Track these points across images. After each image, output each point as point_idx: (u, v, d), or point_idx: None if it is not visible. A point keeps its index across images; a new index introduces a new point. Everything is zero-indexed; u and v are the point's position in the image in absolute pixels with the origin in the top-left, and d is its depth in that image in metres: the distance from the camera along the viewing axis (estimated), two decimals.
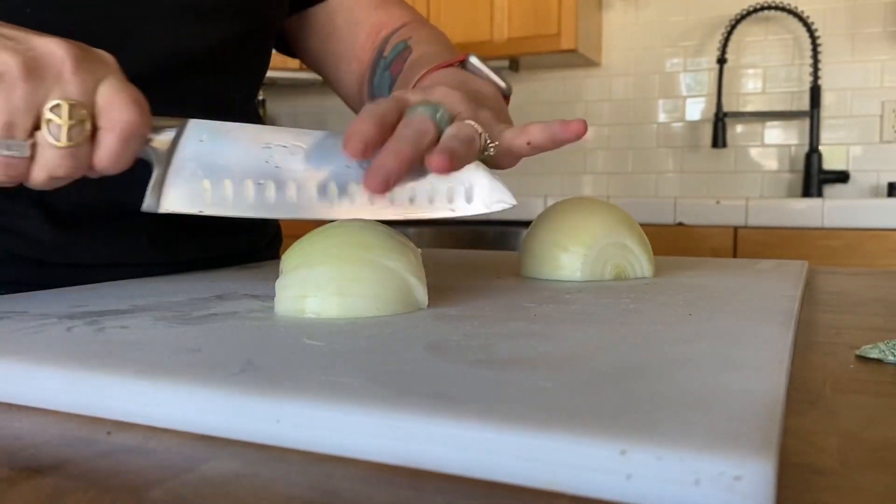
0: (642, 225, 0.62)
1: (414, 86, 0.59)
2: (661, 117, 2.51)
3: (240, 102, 0.72)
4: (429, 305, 0.44)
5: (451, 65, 0.58)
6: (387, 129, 0.43)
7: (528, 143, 0.47)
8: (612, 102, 2.57)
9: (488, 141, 0.46)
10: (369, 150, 0.41)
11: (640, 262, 0.59)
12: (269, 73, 0.78)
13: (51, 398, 0.29)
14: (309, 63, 0.81)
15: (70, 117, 0.39)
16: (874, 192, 2.26)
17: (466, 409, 0.24)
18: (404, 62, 0.67)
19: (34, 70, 0.39)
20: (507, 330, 0.37)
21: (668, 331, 0.36)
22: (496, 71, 0.59)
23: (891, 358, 0.36)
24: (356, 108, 0.78)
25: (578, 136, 0.46)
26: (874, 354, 0.37)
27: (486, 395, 0.25)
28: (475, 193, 0.47)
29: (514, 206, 0.48)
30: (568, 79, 2.61)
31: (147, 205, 0.45)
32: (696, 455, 0.20)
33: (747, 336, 0.35)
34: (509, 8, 2.36)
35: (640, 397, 0.25)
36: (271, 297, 0.48)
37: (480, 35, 2.40)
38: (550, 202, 1.91)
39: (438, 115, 0.45)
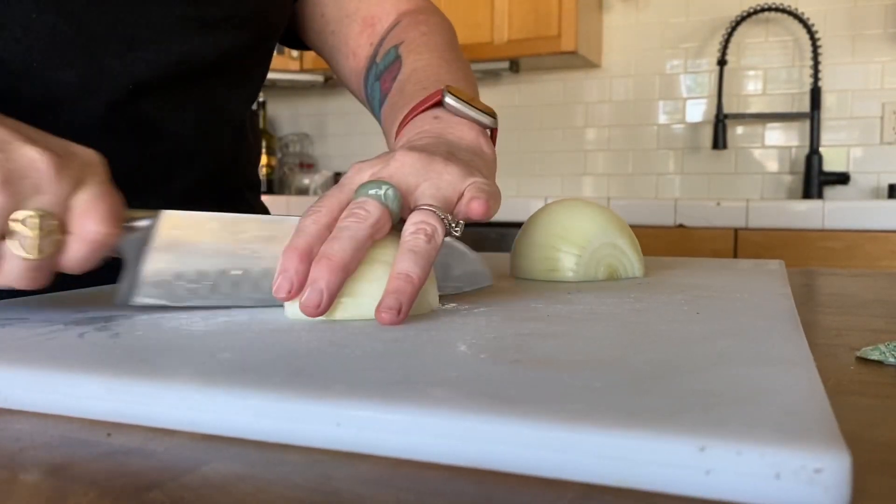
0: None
1: (397, 133, 0.57)
2: (662, 119, 2.51)
3: (239, 108, 0.71)
4: (438, 306, 0.44)
5: (428, 107, 0.55)
6: (316, 244, 0.41)
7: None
8: (612, 104, 2.57)
9: (452, 224, 0.43)
10: (296, 292, 0.39)
11: (630, 262, 0.60)
12: (270, 75, 0.78)
13: (86, 407, 0.29)
14: (319, 54, 0.80)
15: (41, 229, 0.38)
16: (875, 194, 2.26)
17: (534, 408, 0.24)
18: (394, 78, 0.64)
19: (11, 183, 0.37)
20: (529, 330, 0.37)
21: (685, 329, 0.37)
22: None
23: (891, 359, 0.36)
24: (363, 102, 0.76)
25: (476, 216, 0.43)
26: (875, 356, 0.37)
27: (544, 395, 0.25)
28: (455, 272, 0.49)
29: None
30: (568, 80, 2.62)
31: (120, 301, 0.43)
32: (775, 449, 0.20)
33: (762, 333, 0.35)
34: (509, 10, 2.37)
35: (696, 395, 0.25)
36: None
37: (481, 37, 2.40)
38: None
39: (384, 193, 0.42)
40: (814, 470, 0.19)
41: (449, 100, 0.54)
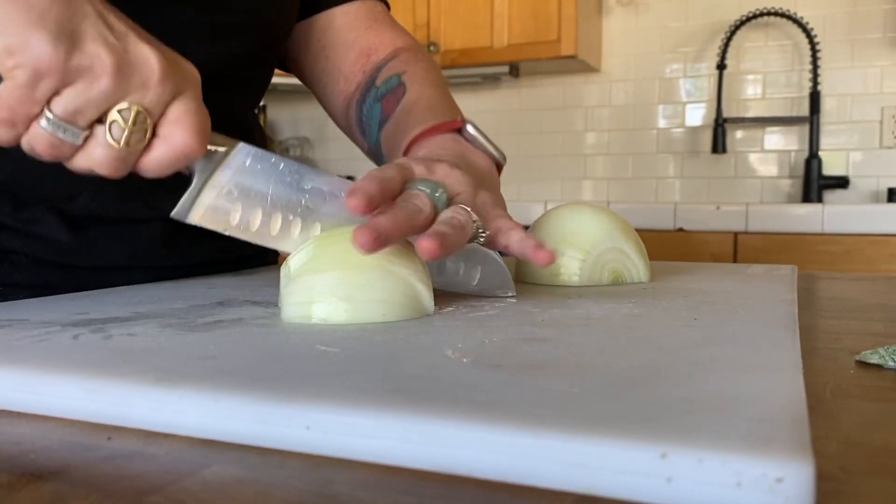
0: (642, 230, 0.63)
1: (409, 146, 0.61)
2: (661, 123, 2.51)
3: (246, 112, 0.73)
4: (434, 311, 0.44)
5: (448, 129, 0.59)
6: (388, 194, 0.44)
7: (506, 247, 0.48)
8: (612, 108, 2.57)
9: (480, 229, 0.47)
10: (369, 207, 0.42)
11: (636, 266, 0.60)
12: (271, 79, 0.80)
13: (68, 407, 0.29)
14: (299, 77, 0.83)
15: (134, 123, 0.40)
16: (874, 198, 2.26)
17: (501, 414, 0.24)
18: (397, 101, 0.68)
19: (123, 72, 0.39)
20: (519, 335, 0.37)
21: (678, 335, 0.37)
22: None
23: (891, 363, 0.36)
24: (342, 126, 0.80)
25: (543, 265, 0.46)
26: (874, 360, 0.37)
27: (516, 400, 0.25)
28: (480, 275, 0.50)
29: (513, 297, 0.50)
30: (568, 85, 2.62)
31: (177, 213, 0.46)
32: (737, 457, 0.20)
33: (755, 340, 0.35)
34: (509, 14, 2.37)
35: (670, 401, 0.25)
36: (272, 303, 0.48)
37: (481, 41, 2.40)
38: (550, 207, 1.90)
39: (437, 195, 0.46)
40: (775, 479, 0.19)
41: (470, 128, 0.59)
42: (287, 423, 0.25)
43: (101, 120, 0.40)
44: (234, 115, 0.71)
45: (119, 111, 0.40)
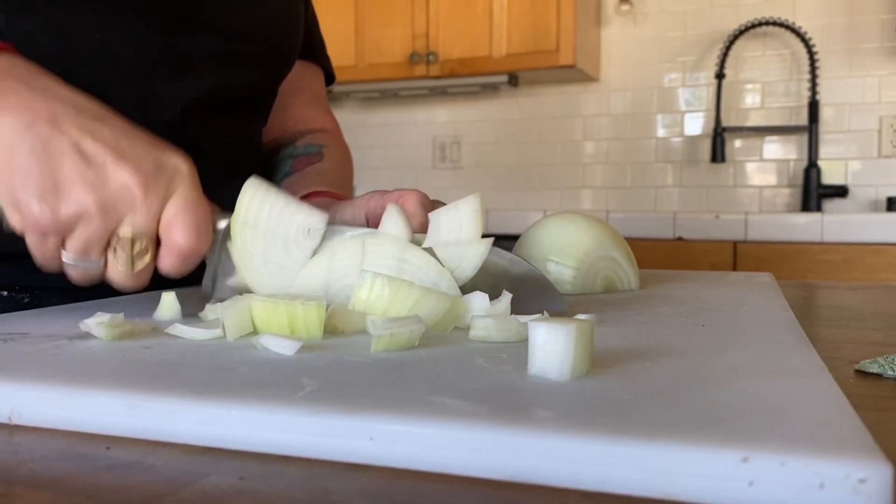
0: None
1: (307, 195, 0.68)
2: (660, 132, 2.52)
3: (258, 135, 0.78)
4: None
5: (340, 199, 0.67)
6: None
7: None
8: (610, 117, 2.58)
9: None
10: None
11: (627, 275, 0.61)
12: None
13: (108, 423, 0.28)
14: None
15: (133, 249, 0.44)
16: (873, 207, 2.26)
17: (569, 422, 0.24)
18: (310, 163, 0.77)
19: (108, 207, 0.42)
20: None
21: (695, 342, 0.37)
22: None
23: (890, 373, 0.36)
24: None
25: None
26: (873, 369, 0.37)
27: (575, 407, 0.25)
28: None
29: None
30: (566, 94, 2.62)
31: (203, 292, 0.49)
32: (819, 460, 0.20)
33: (770, 345, 0.36)
34: (508, 24, 2.38)
35: (724, 407, 0.25)
36: None
37: (479, 51, 2.41)
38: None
39: None
40: (858, 480, 0.20)
41: None
42: (350, 434, 0.25)
43: (109, 244, 0.44)
44: (253, 139, 0.76)
45: (118, 241, 0.43)
